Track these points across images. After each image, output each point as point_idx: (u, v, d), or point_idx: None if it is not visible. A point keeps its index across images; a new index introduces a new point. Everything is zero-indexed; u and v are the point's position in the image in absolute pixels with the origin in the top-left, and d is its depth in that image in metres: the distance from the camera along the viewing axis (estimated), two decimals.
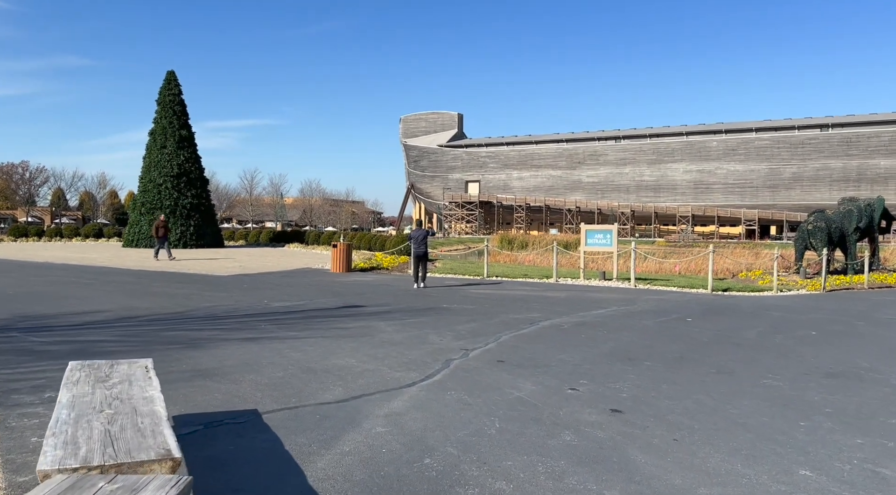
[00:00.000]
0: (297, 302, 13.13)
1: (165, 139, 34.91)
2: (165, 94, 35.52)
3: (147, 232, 34.00)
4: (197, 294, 14.21)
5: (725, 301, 14.98)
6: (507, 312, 11.99)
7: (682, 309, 13.13)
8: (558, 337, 9.36)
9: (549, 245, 55.78)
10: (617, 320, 11.21)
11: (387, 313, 11.63)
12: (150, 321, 10.27)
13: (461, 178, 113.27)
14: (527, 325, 10.43)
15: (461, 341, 8.86)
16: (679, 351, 8.46)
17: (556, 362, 7.56)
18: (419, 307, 12.62)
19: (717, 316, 12.20)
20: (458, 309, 12.44)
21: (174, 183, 34.35)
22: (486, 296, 14.75)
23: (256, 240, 41.12)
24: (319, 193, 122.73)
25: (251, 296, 14.03)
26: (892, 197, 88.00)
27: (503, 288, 16.95)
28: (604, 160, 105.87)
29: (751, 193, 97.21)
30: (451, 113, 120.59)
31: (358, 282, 17.92)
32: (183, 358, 7.47)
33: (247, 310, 11.80)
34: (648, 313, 12.29)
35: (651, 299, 14.83)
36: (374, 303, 13.04)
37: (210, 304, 12.46)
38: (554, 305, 13.27)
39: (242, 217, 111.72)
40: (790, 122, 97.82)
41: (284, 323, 10.29)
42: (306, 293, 14.78)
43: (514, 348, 8.41)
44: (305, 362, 7.36)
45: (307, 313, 11.46)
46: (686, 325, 10.79)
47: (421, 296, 14.68)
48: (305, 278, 18.70)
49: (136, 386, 4.04)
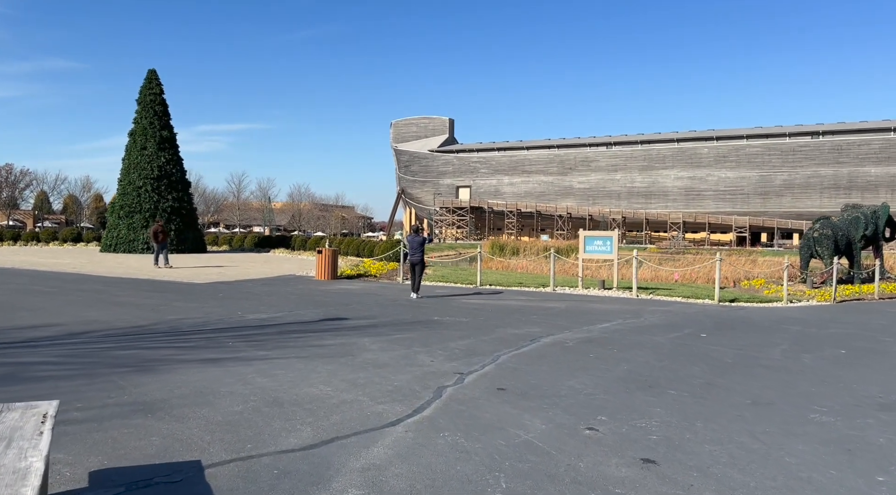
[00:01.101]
0: (274, 313, 12.00)
1: (146, 140, 33.67)
2: (146, 94, 34.29)
3: (126, 236, 32.73)
4: (166, 304, 13.05)
5: (736, 313, 13.98)
6: (504, 326, 10.92)
7: (692, 322, 12.11)
8: (564, 357, 8.29)
9: (540, 251, 54.87)
10: (626, 336, 10.17)
11: (372, 327, 10.53)
12: (104, 337, 9.12)
13: (452, 184, 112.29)
14: (527, 342, 9.37)
15: (455, 362, 7.78)
16: (703, 375, 7.42)
17: (566, 390, 6.49)
18: (408, 320, 11.53)
19: (733, 331, 11.19)
20: (451, 322, 11.36)
21: (154, 185, 33.10)
22: (480, 307, 13.68)
23: (241, 246, 39.86)
24: (309, 198, 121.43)
25: (225, 306, 12.89)
26: None
27: (498, 298, 15.89)
28: (595, 166, 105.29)
29: (742, 200, 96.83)
30: (443, 118, 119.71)
31: (343, 290, 16.80)
32: (128, 385, 6.34)
33: (217, 323, 10.66)
34: (658, 328, 11.26)
35: (657, 311, 13.81)
36: (359, 316, 11.94)
37: (177, 317, 11.31)
38: (554, 318, 12.21)
39: (230, 221, 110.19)
40: (781, 129, 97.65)
41: (256, 339, 9.17)
42: (285, 303, 13.66)
43: (515, 371, 7.33)
44: (272, 390, 6.26)
45: (283, 327, 10.35)
46: (702, 343, 9.76)
47: (411, 307, 13.58)
48: (287, 286, 17.57)
49: (12, 450, 2.94)
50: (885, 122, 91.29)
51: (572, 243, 65.41)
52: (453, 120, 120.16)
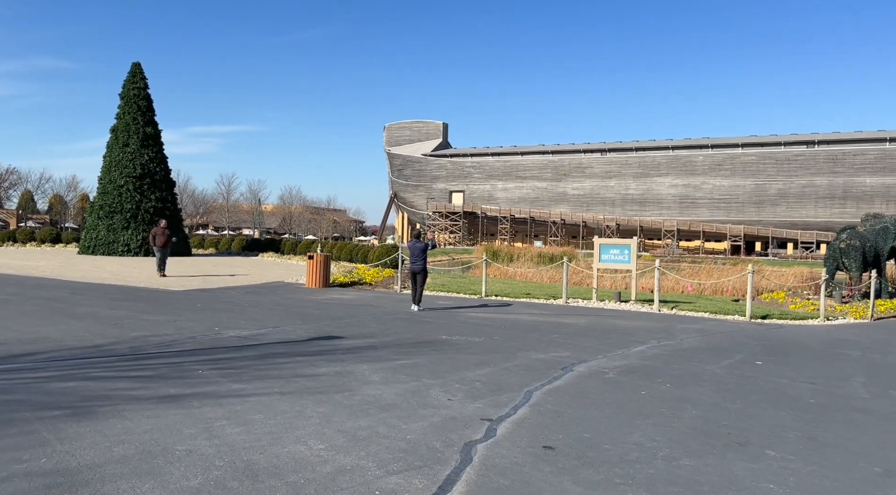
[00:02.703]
0: (257, 330, 10.39)
1: (128, 136, 31.93)
2: (129, 88, 32.56)
3: (105, 237, 30.97)
4: (133, 316, 11.41)
5: (776, 333, 12.49)
6: (525, 349, 9.36)
7: (737, 345, 10.60)
8: (611, 394, 6.74)
9: (535, 258, 53.44)
10: (671, 364, 8.63)
11: (371, 350, 8.95)
12: (46, 362, 7.49)
13: (445, 188, 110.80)
14: (558, 371, 7.82)
15: (479, 402, 6.21)
16: (795, 424, 5.89)
17: (635, 450, 4.94)
18: (412, 339, 9.95)
19: (787, 356, 9.68)
20: (462, 343, 9.79)
21: (136, 184, 31.36)
22: (491, 323, 12.11)
23: (228, 249, 38.12)
24: (300, 201, 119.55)
25: (201, 320, 11.26)
26: None
27: (508, 311, 14.33)
28: (589, 172, 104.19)
29: (736, 209, 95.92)
30: (436, 122, 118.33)
31: (336, 300, 15.20)
32: (53, 440, 4.74)
33: (188, 342, 9.05)
34: (703, 352, 9.73)
35: (689, 329, 12.29)
36: (355, 333, 10.35)
37: (142, 333, 9.68)
38: (578, 337, 10.67)
39: (219, 223, 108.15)
40: (776, 138, 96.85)
41: (232, 365, 7.56)
42: (271, 316, 12.04)
43: (557, 417, 5.78)
44: (246, 449, 4.67)
45: (266, 349, 8.74)
46: (765, 374, 8.23)
47: (413, 322, 12.00)
48: (274, 295, 15.94)
49: None
50: (880, 132, 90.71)
51: (567, 250, 64.19)
52: (447, 124, 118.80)
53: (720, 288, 24.71)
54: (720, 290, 24.53)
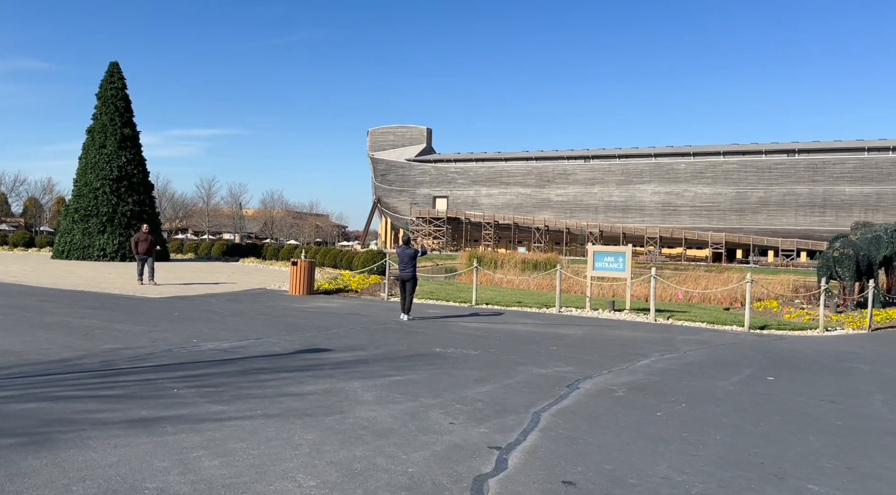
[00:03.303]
0: (239, 341, 9.76)
1: (105, 138, 31.00)
2: (107, 88, 31.64)
3: (80, 242, 30.01)
4: (106, 326, 10.72)
5: (778, 345, 12.08)
6: (524, 362, 8.83)
7: (742, 358, 10.16)
8: (625, 416, 6.23)
9: (519, 264, 52.98)
10: (680, 380, 8.15)
11: (362, 364, 8.36)
12: (5, 378, 6.82)
13: (429, 194, 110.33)
14: (563, 389, 7.30)
15: (483, 426, 5.66)
16: (829, 451, 5.41)
17: (664, 485, 4.41)
18: (404, 352, 9.38)
19: (796, 371, 9.26)
20: (458, 356, 9.24)
21: (113, 187, 30.42)
22: (485, 333, 11.58)
23: (207, 254, 37.22)
24: (282, 205, 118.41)
25: (178, 330, 10.60)
26: None
27: (501, 321, 13.80)
28: (573, 179, 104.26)
29: (718, 216, 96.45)
30: (420, 127, 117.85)
31: (321, 309, 14.58)
32: (0, 477, 4.12)
33: (163, 356, 8.40)
34: (709, 366, 9.27)
35: (689, 341, 11.85)
36: (344, 346, 9.75)
37: (115, 346, 9.01)
38: (577, 350, 10.17)
39: (199, 228, 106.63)
40: (757, 146, 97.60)
41: (211, 383, 6.95)
42: (253, 326, 11.40)
43: (571, 444, 5.24)
44: (224, 487, 4.08)
45: (248, 364, 8.12)
46: (780, 391, 7.78)
47: (404, 333, 11.42)
48: (256, 303, 15.28)
49: None
50: (858, 141, 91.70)
51: (550, 256, 63.87)
52: (431, 129, 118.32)
53: (708, 296, 24.40)
54: (708, 298, 24.22)
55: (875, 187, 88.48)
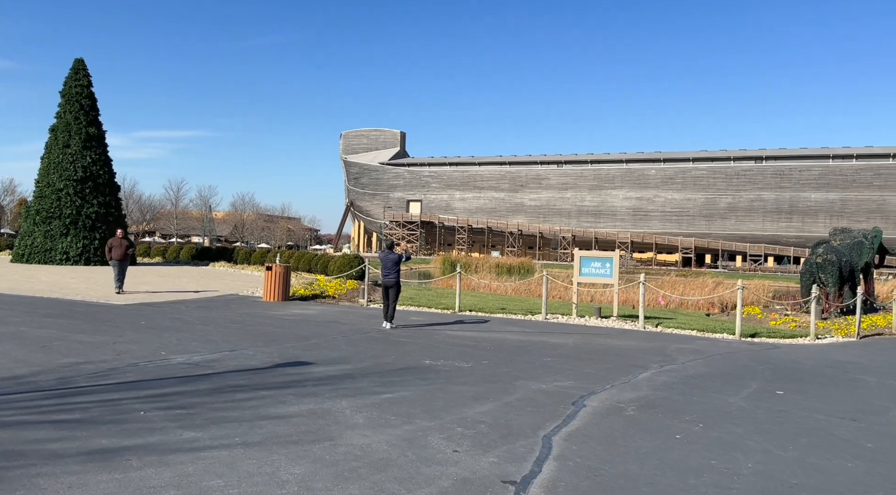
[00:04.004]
0: (211, 354, 9.03)
1: (69, 137, 29.75)
2: (71, 85, 30.40)
3: (42, 245, 28.72)
4: (65, 337, 9.90)
5: (775, 354, 11.71)
6: (521, 376, 8.27)
7: (744, 370, 9.72)
8: (641, 438, 5.69)
9: (493, 268, 52.50)
10: (688, 395, 7.65)
11: (348, 379, 7.71)
12: None
13: (403, 197, 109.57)
14: (568, 406, 6.75)
15: (491, 454, 5.07)
16: (872, 480, 4.93)
17: None
18: (392, 365, 8.74)
19: (804, 384, 8.85)
20: (449, 369, 8.63)
21: (77, 188, 29.18)
22: (473, 343, 10.99)
23: (176, 258, 36.04)
24: (253, 208, 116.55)
25: (145, 341, 9.83)
26: (820, 229, 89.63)
27: (487, 328, 13.23)
28: (546, 184, 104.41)
29: (687, 222, 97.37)
30: (394, 130, 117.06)
31: (298, 316, 13.85)
32: None
33: (129, 371, 7.66)
34: (713, 379, 8.81)
35: (684, 350, 11.41)
36: (326, 358, 9.08)
37: (74, 360, 8.23)
38: (573, 361, 9.64)
39: (167, 230, 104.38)
40: (726, 153, 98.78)
41: (181, 404, 6.25)
42: (226, 336, 10.66)
43: (594, 476, 4.68)
44: None
45: (222, 380, 7.42)
46: (794, 406, 7.32)
47: (388, 342, 10.78)
48: (229, 310, 14.50)
49: None
50: (823, 149, 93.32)
51: (524, 261, 63.73)
52: (405, 133, 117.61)
53: (686, 301, 24.12)
54: (685, 304, 23.96)
55: (839, 194, 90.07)
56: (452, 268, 53.21)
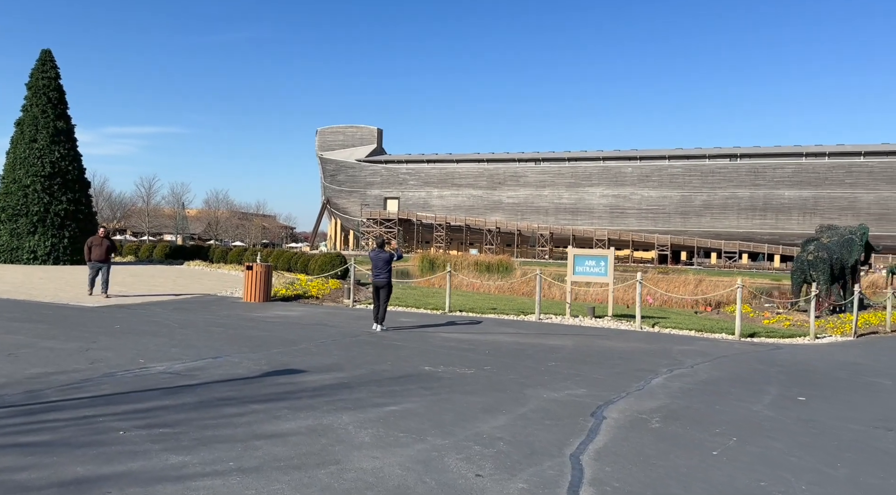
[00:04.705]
0: (194, 361, 8.38)
1: (36, 131, 28.59)
2: (38, 77, 29.21)
3: (8, 244, 27.56)
4: (33, 344, 9.16)
5: (780, 355, 11.35)
6: (529, 383, 7.75)
7: (756, 374, 9.32)
8: (676, 456, 5.19)
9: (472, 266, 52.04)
10: (709, 403, 7.19)
11: (345, 389, 7.13)
12: None
13: (380, 195, 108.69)
14: (587, 418, 6.25)
15: (518, 479, 4.53)
16: None
17: None
18: (390, 373, 8.16)
19: (819, 388, 8.46)
20: (451, 375, 8.08)
21: (45, 184, 28.05)
22: (470, 347, 10.46)
23: (149, 256, 34.97)
24: (227, 205, 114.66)
25: (121, 348, 9.12)
26: (793, 227, 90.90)
27: (481, 330, 12.70)
28: (524, 182, 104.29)
29: (663, 219, 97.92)
30: (371, 127, 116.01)
31: (283, 319, 13.19)
32: None
33: (104, 383, 6.99)
34: (728, 385, 8.37)
35: (688, 352, 11.00)
36: (318, 364, 8.47)
37: (43, 369, 7.53)
38: (578, 365, 9.15)
39: (138, 229, 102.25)
40: (701, 151, 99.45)
41: (165, 421, 5.61)
42: (208, 341, 9.99)
43: None
44: None
45: (208, 391, 6.79)
46: (821, 414, 6.91)
47: (382, 346, 10.19)
48: (209, 312, 13.78)
49: None
50: (796, 147, 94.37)
51: (503, 258, 63.32)
52: (381, 130, 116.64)
53: (671, 299, 23.82)
54: (670, 302, 23.66)
55: (812, 191, 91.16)
56: (431, 266, 52.66)
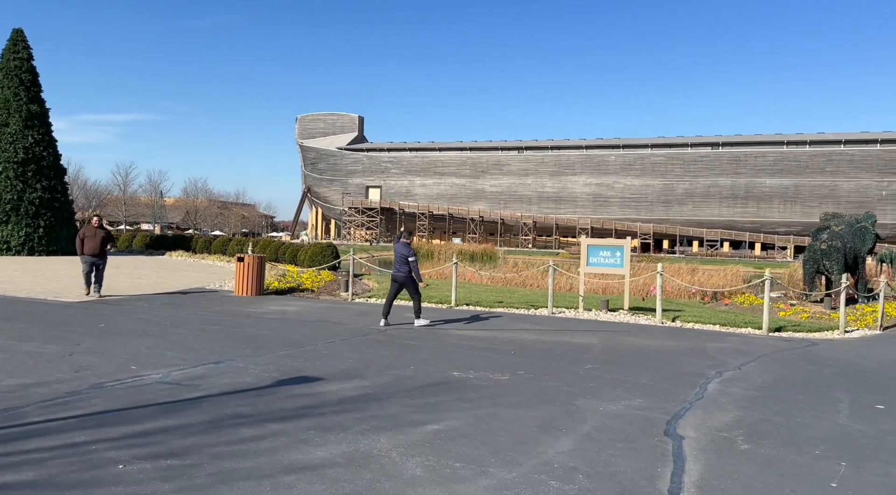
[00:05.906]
0: (193, 367, 7.40)
1: (8, 115, 27.11)
2: (9, 58, 27.68)
3: None
4: (9, 347, 8.11)
5: (820, 352, 10.61)
6: (576, 392, 6.89)
7: (810, 375, 8.55)
8: (789, 489, 4.36)
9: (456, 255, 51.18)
10: (785, 415, 6.38)
11: (373, 402, 6.20)
12: None
13: (362, 183, 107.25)
14: (663, 439, 5.40)
15: None
16: None
17: None
18: (417, 379, 7.24)
19: (885, 392, 7.72)
20: (487, 382, 7.19)
21: (18, 171, 26.63)
22: (491, 345, 9.57)
23: (129, 246, 33.62)
24: (205, 194, 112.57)
25: (109, 351, 8.11)
26: (774, 215, 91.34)
27: (496, 325, 11.82)
28: (507, 170, 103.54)
29: (646, 208, 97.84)
30: (352, 115, 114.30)
31: (281, 315, 12.21)
32: None
33: (93, 397, 5.99)
34: (787, 389, 7.58)
35: (724, 350, 10.22)
36: (333, 370, 7.53)
37: (21, 380, 6.51)
38: (618, 368, 8.31)
39: (115, 218, 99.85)
40: (683, 139, 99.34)
41: (171, 450, 4.66)
42: (206, 342, 9.00)
43: None
44: None
45: (217, 408, 5.82)
46: None
47: (396, 346, 9.26)
48: (200, 308, 12.75)
49: None
50: (777, 135, 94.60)
51: (486, 247, 62.58)
52: (363, 117, 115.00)
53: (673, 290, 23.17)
54: (670, 293, 22.98)
55: (793, 179, 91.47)
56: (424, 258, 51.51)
